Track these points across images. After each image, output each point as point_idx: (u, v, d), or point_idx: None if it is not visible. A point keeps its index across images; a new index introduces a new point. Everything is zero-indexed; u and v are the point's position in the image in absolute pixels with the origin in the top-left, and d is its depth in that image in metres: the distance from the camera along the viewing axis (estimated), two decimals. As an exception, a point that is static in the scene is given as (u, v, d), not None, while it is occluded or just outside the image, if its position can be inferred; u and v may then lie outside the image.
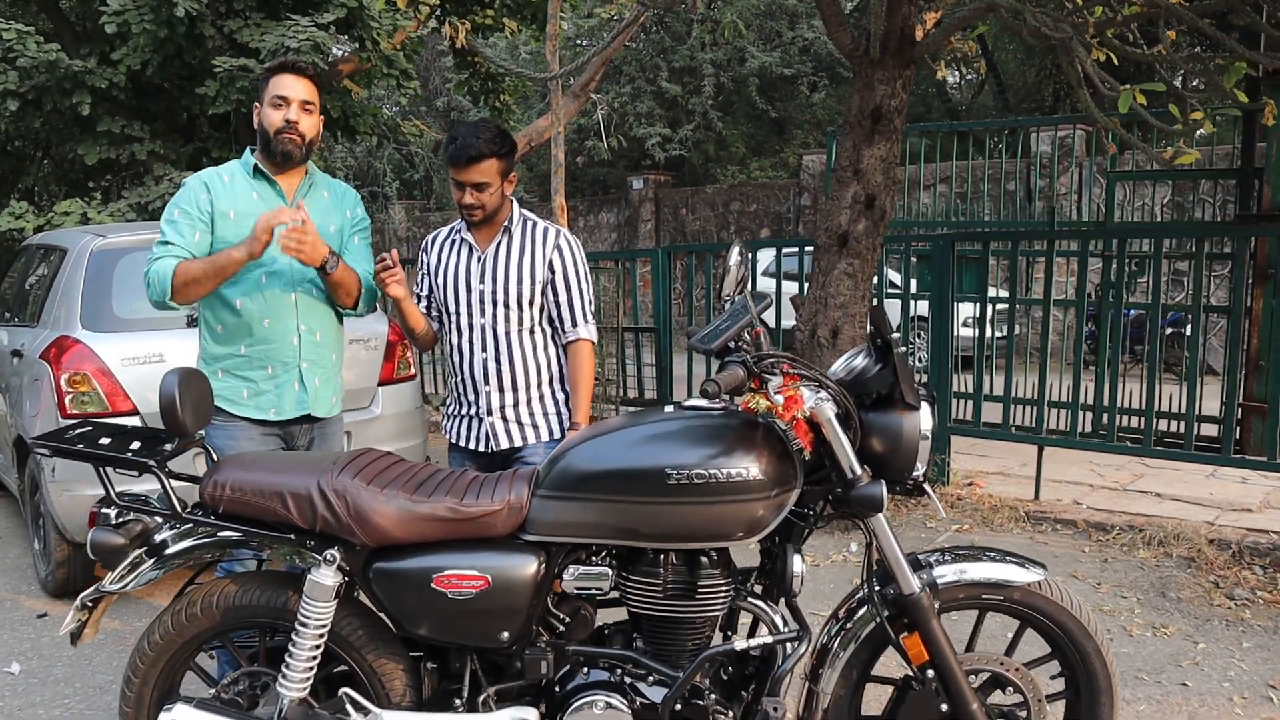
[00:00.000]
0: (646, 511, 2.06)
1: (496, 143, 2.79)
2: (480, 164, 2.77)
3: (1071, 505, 5.20)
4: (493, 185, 2.81)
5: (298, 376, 2.82)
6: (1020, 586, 2.24)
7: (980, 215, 12.86)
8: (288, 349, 2.80)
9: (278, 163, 2.79)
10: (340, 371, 3.02)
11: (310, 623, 2.12)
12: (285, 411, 2.81)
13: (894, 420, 2.13)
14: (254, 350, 2.78)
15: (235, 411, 2.77)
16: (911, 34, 4.71)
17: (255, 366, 2.79)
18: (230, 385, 2.78)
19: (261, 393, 2.79)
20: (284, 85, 2.75)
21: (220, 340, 2.80)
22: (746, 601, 2.22)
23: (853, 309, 4.90)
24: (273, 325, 2.78)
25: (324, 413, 2.89)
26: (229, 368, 2.79)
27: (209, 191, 2.76)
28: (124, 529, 2.17)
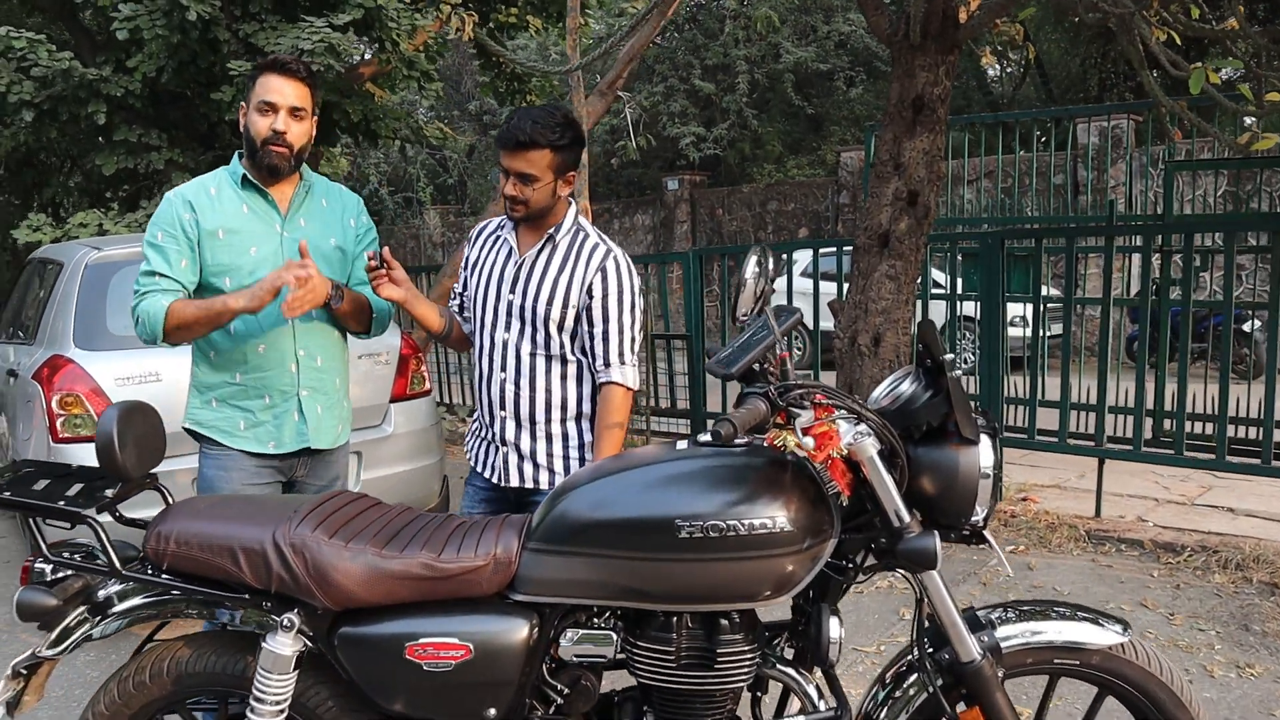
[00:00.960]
0: (654, 569, 1.75)
1: (555, 132, 2.37)
2: (528, 152, 2.37)
3: (1136, 522, 4.80)
4: (541, 180, 2.40)
5: (297, 406, 2.56)
6: (1099, 650, 1.90)
7: (1025, 211, 12.39)
8: (285, 376, 2.54)
9: (265, 175, 2.51)
10: (346, 398, 2.74)
11: (267, 697, 1.83)
12: (285, 444, 2.55)
13: (948, 457, 1.79)
14: (249, 378, 2.53)
15: (230, 444, 2.53)
16: (955, 16, 4.36)
17: (252, 396, 2.54)
18: (225, 416, 2.54)
19: (259, 424, 2.54)
20: (271, 89, 2.46)
21: (214, 367, 2.56)
22: (775, 669, 1.90)
23: (895, 314, 4.55)
24: (268, 351, 2.52)
25: (326, 444, 2.62)
26: (224, 397, 2.55)
27: (193, 210, 2.47)
28: (60, 586, 1.90)
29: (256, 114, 2.46)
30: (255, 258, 2.49)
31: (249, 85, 2.52)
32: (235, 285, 2.46)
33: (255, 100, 2.47)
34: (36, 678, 2.00)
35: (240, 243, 2.46)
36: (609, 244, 2.57)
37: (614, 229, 18.24)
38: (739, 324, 1.75)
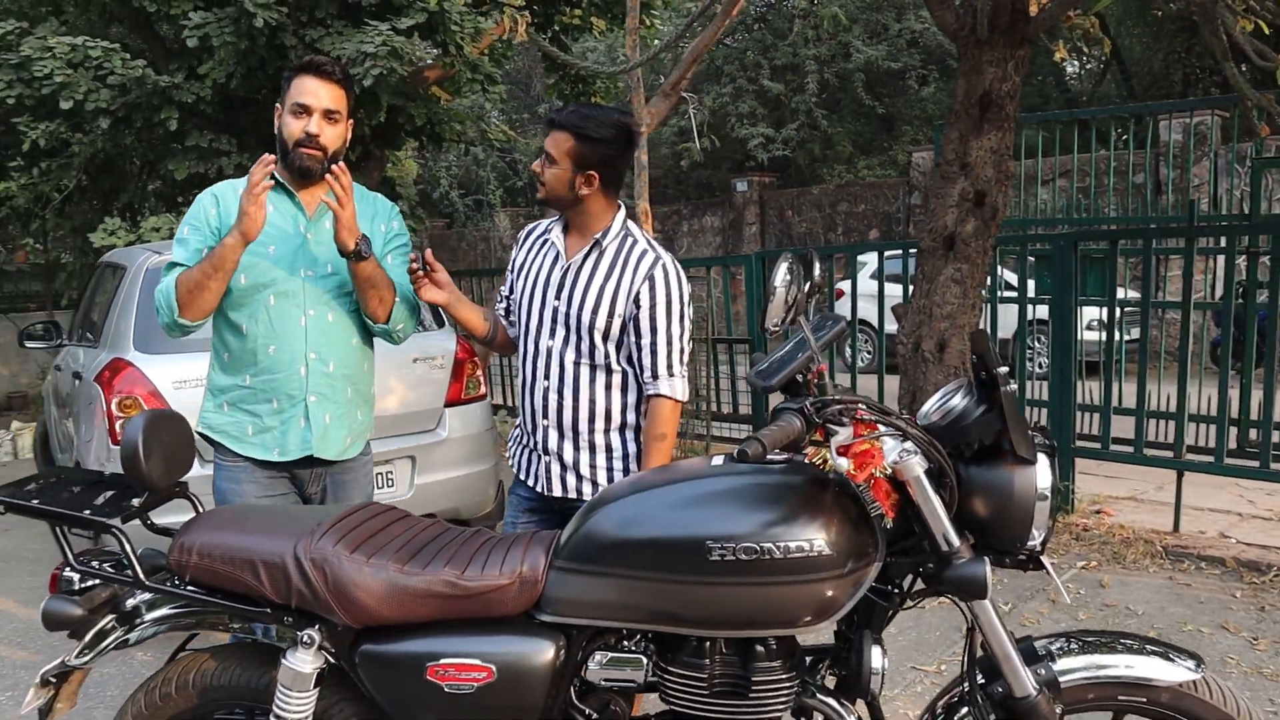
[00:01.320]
0: (684, 592, 1.65)
1: (586, 123, 2.35)
2: (554, 134, 2.39)
3: (1218, 539, 4.55)
4: (559, 165, 2.38)
5: (303, 412, 2.47)
6: (1169, 687, 1.75)
7: (1104, 211, 11.96)
8: (294, 380, 2.46)
9: (296, 177, 2.47)
10: (361, 409, 2.64)
11: (287, 715, 1.78)
12: (289, 451, 2.47)
13: (1002, 477, 1.67)
14: (259, 381, 2.47)
15: (239, 450, 2.47)
16: (1024, 9, 4.17)
17: (261, 399, 2.47)
18: (235, 420, 2.48)
19: (266, 429, 2.47)
20: (306, 91, 2.42)
21: (226, 369, 2.52)
22: (815, 699, 1.79)
23: (961, 319, 4.38)
24: (279, 352, 2.46)
25: (332, 455, 2.52)
26: (234, 400, 2.49)
27: (219, 206, 2.46)
28: (88, 595, 1.88)
29: (290, 116, 2.43)
30: (273, 256, 2.45)
31: (284, 87, 2.48)
32: (251, 283, 2.43)
33: (290, 102, 2.43)
34: (68, 686, 1.99)
35: (259, 241, 2.40)
36: (658, 250, 2.48)
37: (682, 230, 18.15)
38: (768, 334, 1.65)
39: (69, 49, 6.91)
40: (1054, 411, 4.96)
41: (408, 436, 4.56)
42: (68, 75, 6.94)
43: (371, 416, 2.71)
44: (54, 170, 8.03)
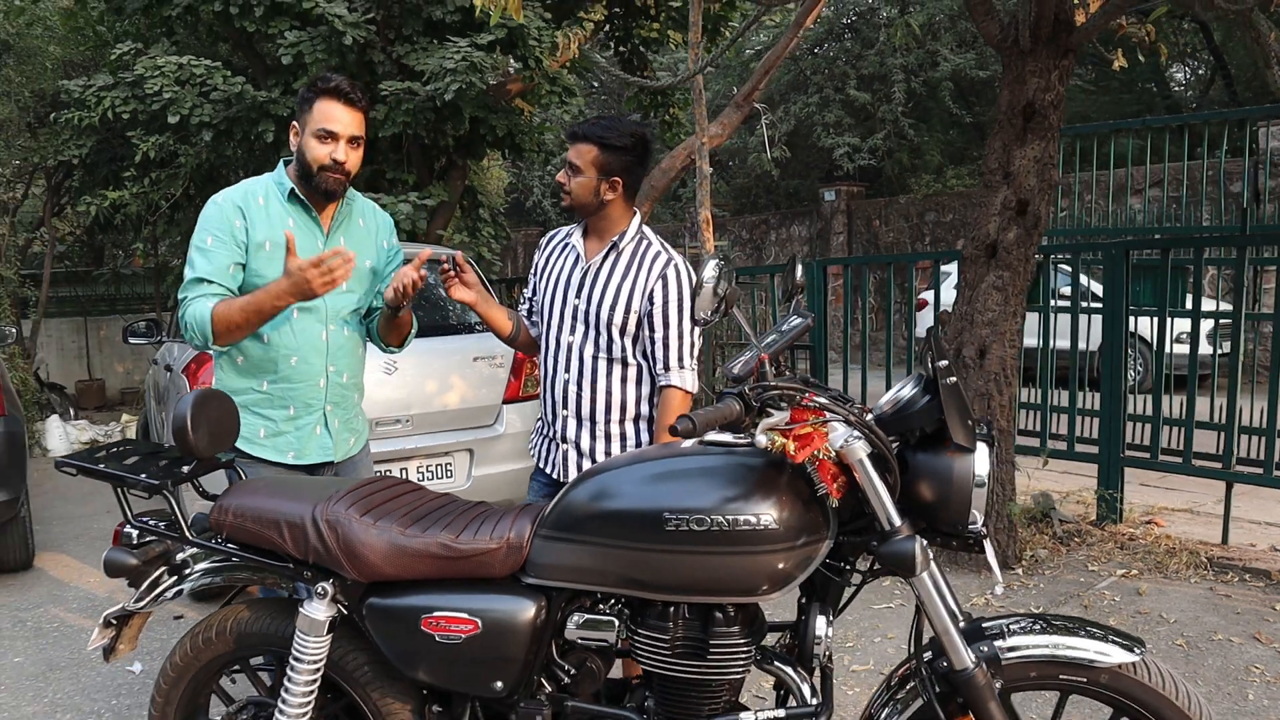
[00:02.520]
0: (645, 559, 1.84)
1: (608, 133, 2.55)
2: (578, 144, 2.58)
3: (1266, 552, 4.49)
4: (584, 174, 2.58)
5: (321, 420, 2.63)
6: (1107, 668, 1.85)
7: (1198, 221, 11.60)
8: (313, 390, 2.60)
9: (318, 197, 2.58)
10: (361, 411, 2.82)
11: (304, 657, 2.03)
12: (307, 456, 2.62)
13: (943, 463, 1.80)
14: (276, 388, 2.58)
15: (250, 451, 2.57)
16: (1068, 19, 4.21)
17: (276, 405, 2.58)
18: (247, 423, 2.54)
19: (280, 433, 2.59)
20: (333, 118, 2.49)
21: (241, 373, 2.58)
22: (773, 665, 1.95)
23: (1002, 326, 4.43)
24: (300, 364, 2.58)
25: (341, 456, 2.70)
26: (246, 404, 2.56)
27: (244, 218, 2.51)
28: (143, 549, 2.16)
29: (315, 140, 2.49)
30: None
31: (305, 106, 2.52)
32: None
33: (314, 126, 2.49)
34: (129, 629, 2.28)
35: (283, 256, 2.46)
36: (670, 252, 2.67)
37: (770, 240, 18.21)
38: (699, 324, 1.82)
39: (176, 67, 7.45)
40: (1104, 421, 4.95)
41: (467, 431, 4.85)
42: (175, 91, 7.48)
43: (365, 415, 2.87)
44: (163, 180, 8.63)
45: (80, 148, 9.37)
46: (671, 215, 20.49)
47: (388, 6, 7.80)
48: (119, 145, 9.19)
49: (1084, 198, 11.13)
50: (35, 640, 4.22)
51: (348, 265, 2.35)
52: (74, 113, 8.46)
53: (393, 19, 7.89)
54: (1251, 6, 3.48)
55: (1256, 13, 3.51)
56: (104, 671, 3.84)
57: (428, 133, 7.96)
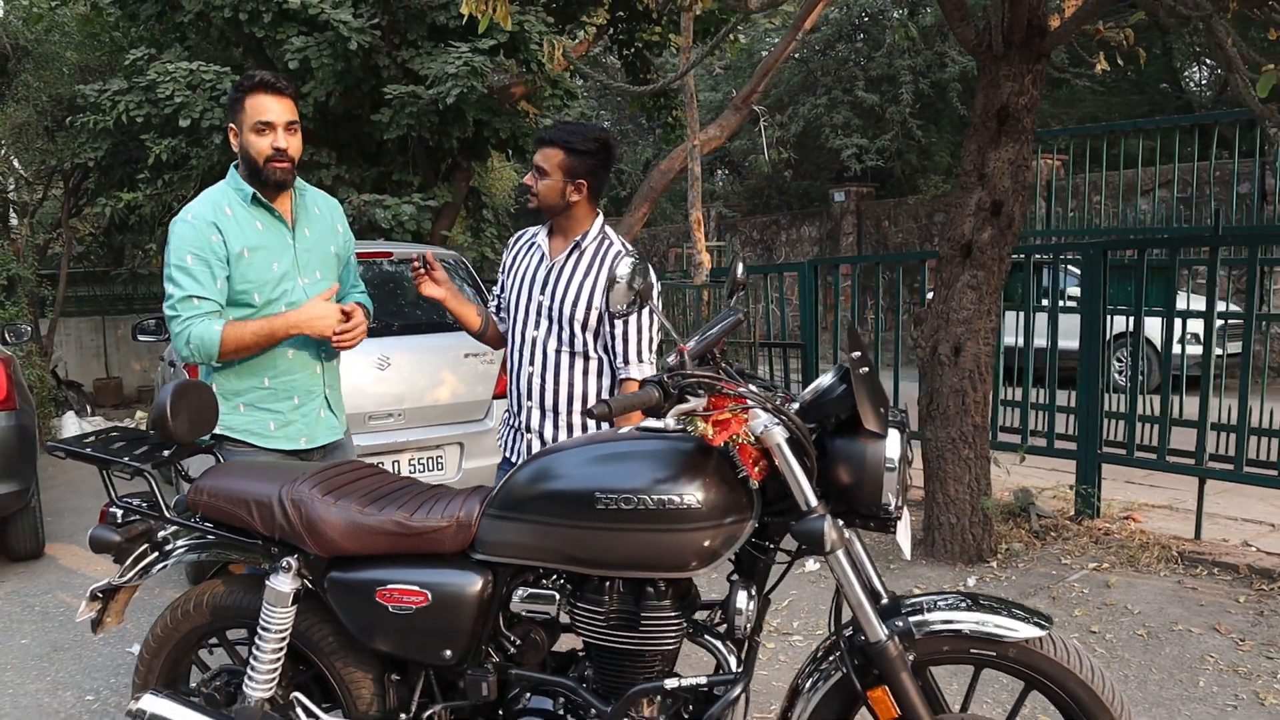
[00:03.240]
0: (579, 536, 1.97)
1: (574, 138, 2.69)
2: (544, 149, 2.73)
3: (1239, 547, 4.57)
4: (550, 177, 2.73)
5: (324, 403, 2.79)
6: (1015, 643, 1.97)
7: (1205, 221, 11.60)
8: (313, 377, 2.76)
9: (270, 190, 2.67)
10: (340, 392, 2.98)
11: (271, 627, 2.18)
12: (318, 438, 2.78)
13: (857, 448, 1.93)
14: (278, 382, 2.71)
15: (263, 445, 2.69)
16: (1041, 24, 4.32)
17: (281, 398, 2.72)
18: (255, 419, 2.69)
19: (289, 423, 2.73)
20: (265, 108, 2.58)
21: (241, 374, 2.69)
22: (703, 638, 2.08)
23: (977, 324, 4.54)
24: (296, 356, 2.73)
25: (340, 435, 2.88)
26: (252, 401, 2.69)
27: (220, 232, 2.60)
28: (126, 528, 2.32)
29: (253, 134, 2.58)
30: (278, 272, 2.67)
31: (236, 105, 2.60)
32: (264, 299, 2.64)
33: (250, 121, 2.58)
34: (115, 604, 2.44)
35: (263, 259, 2.61)
36: (630, 251, 2.81)
37: (780, 240, 18.31)
38: (615, 318, 1.95)
39: (187, 73, 7.66)
40: (1082, 419, 5.05)
41: (457, 425, 5.00)
42: (186, 96, 7.70)
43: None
44: (176, 182, 8.84)
45: (96, 150, 9.61)
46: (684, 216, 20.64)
47: (392, 12, 7.98)
48: (133, 148, 9.42)
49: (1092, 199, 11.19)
50: (42, 624, 4.41)
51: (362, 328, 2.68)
52: (90, 116, 8.70)
53: (397, 24, 8.07)
54: (1210, 13, 3.58)
55: (1217, 18, 3.60)
56: (104, 653, 4.01)
57: (432, 135, 8.13)
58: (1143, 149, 10.12)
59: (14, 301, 9.85)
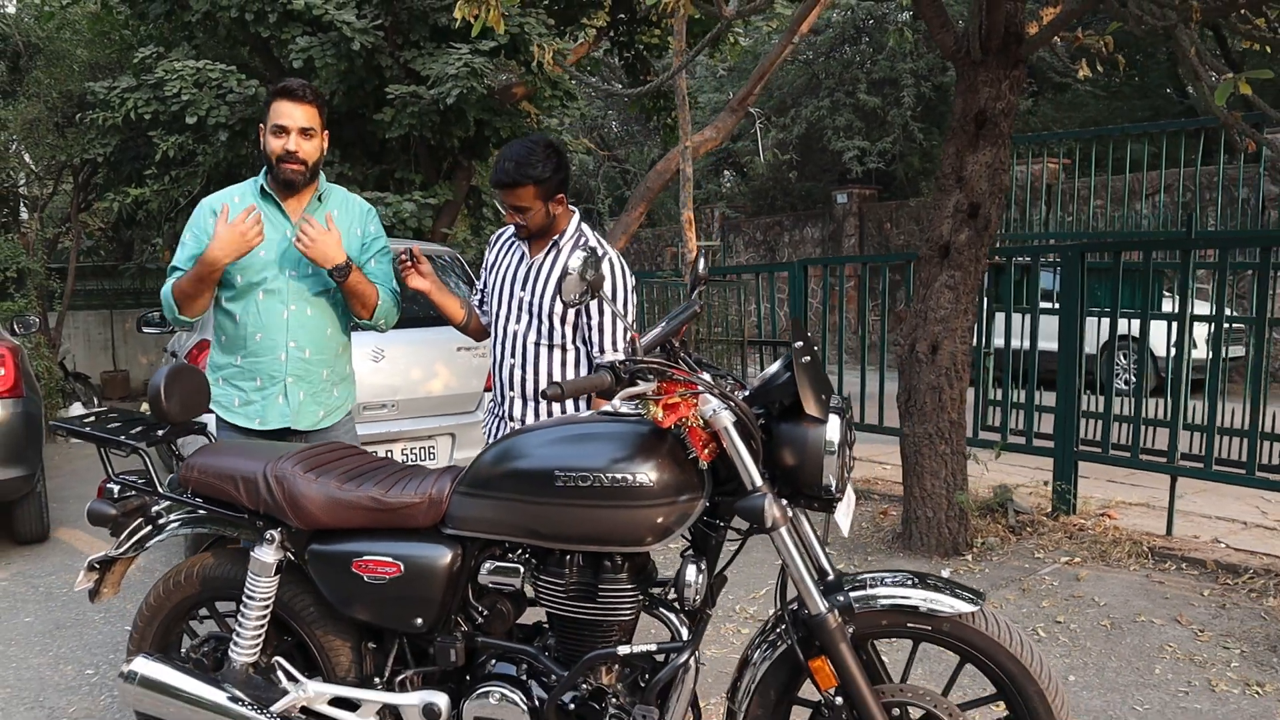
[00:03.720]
0: (540, 512, 2.11)
1: (535, 168, 2.74)
2: (516, 189, 2.77)
3: (1209, 543, 4.69)
4: (532, 209, 2.81)
5: (282, 390, 2.91)
6: (948, 617, 2.10)
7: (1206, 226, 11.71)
8: (275, 364, 2.90)
9: (281, 188, 2.88)
10: (337, 388, 3.07)
11: (255, 595, 2.32)
12: (269, 422, 2.91)
13: (798, 431, 2.06)
14: (246, 362, 2.90)
15: (226, 418, 2.93)
16: (1018, 32, 4.45)
17: (247, 377, 2.91)
18: (225, 393, 2.93)
19: (250, 402, 2.91)
20: (283, 113, 2.79)
21: (223, 350, 2.96)
22: (658, 610, 2.22)
23: (954, 323, 4.66)
24: (263, 340, 2.89)
25: (306, 426, 2.95)
26: (226, 376, 2.94)
27: (215, 215, 2.82)
28: (122, 502, 2.47)
29: (271, 136, 2.81)
30: (264, 259, 2.86)
31: (265, 109, 2.85)
32: (246, 281, 2.85)
33: (270, 123, 2.81)
34: (111, 575, 2.59)
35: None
36: (606, 247, 2.95)
37: (784, 241, 18.43)
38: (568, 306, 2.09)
39: (194, 71, 7.83)
40: (1059, 418, 5.17)
41: (449, 416, 5.15)
42: (193, 94, 7.86)
43: (350, 393, 3.14)
44: (182, 178, 9.01)
45: (105, 146, 9.79)
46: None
47: (395, 13, 8.12)
48: (141, 144, 9.60)
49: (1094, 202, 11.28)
50: (45, 603, 4.57)
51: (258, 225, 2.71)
52: (99, 113, 8.87)
53: (400, 25, 8.22)
54: (1175, 23, 3.70)
55: (1181, 28, 3.72)
56: (104, 631, 4.17)
57: (434, 134, 8.27)
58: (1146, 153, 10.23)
59: (23, 294, 10.03)
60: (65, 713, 3.38)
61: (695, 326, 7.33)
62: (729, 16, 3.80)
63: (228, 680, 2.35)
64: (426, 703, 2.23)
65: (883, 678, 2.22)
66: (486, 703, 2.19)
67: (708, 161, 20.39)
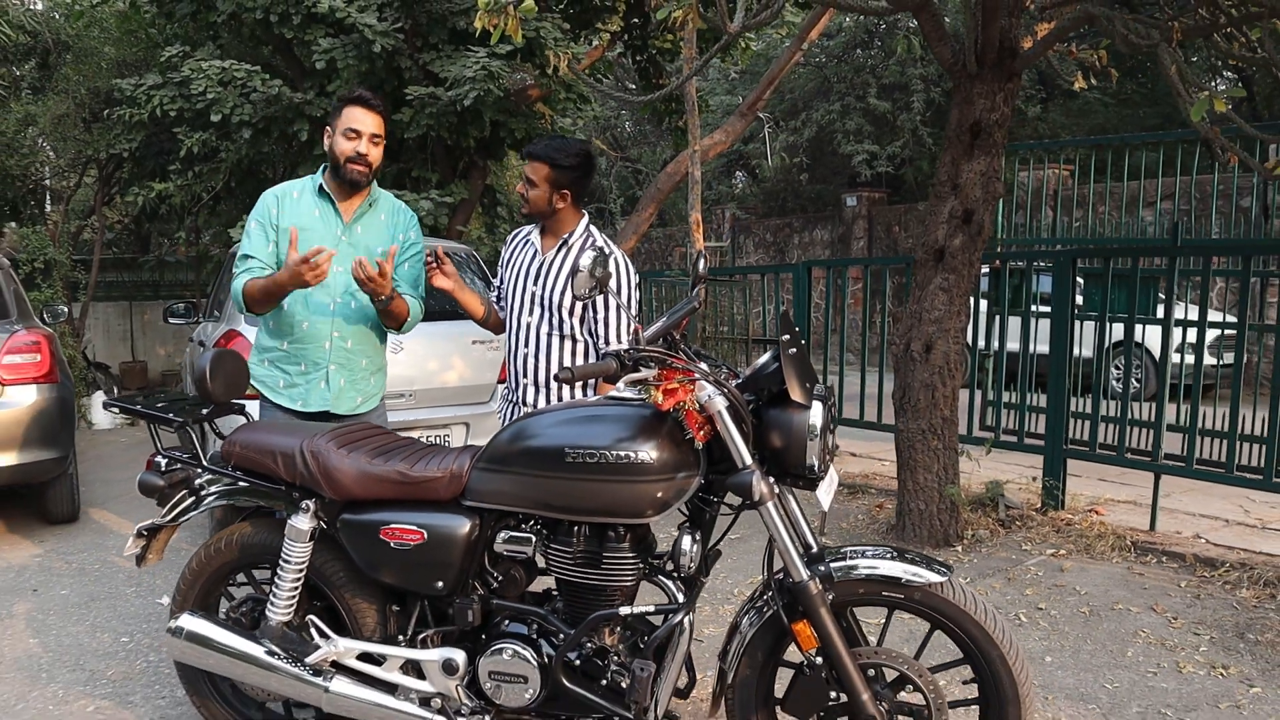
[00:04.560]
0: (551, 485, 2.34)
1: (557, 154, 3.09)
2: (533, 163, 3.11)
3: (1190, 538, 4.88)
4: (539, 187, 3.10)
5: (324, 376, 3.15)
6: (919, 586, 2.31)
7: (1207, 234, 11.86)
8: (319, 351, 3.14)
9: (345, 187, 3.13)
10: (374, 376, 3.31)
11: (290, 560, 2.56)
12: (310, 405, 3.15)
13: (785, 416, 2.28)
14: (293, 348, 3.15)
15: (271, 398, 3.17)
16: (1013, 46, 4.65)
17: (292, 361, 3.15)
18: (271, 374, 3.17)
19: (294, 385, 3.16)
20: (356, 119, 3.06)
21: (271, 334, 3.19)
22: (657, 577, 2.44)
23: (947, 324, 4.87)
24: (310, 328, 3.13)
25: (345, 410, 3.18)
26: (273, 359, 3.18)
27: (278, 207, 3.11)
28: (168, 475, 2.71)
29: (342, 138, 3.05)
30: None
31: (335, 113, 3.10)
32: None
33: (342, 126, 3.06)
34: (156, 542, 2.83)
35: (305, 240, 2.98)
36: (611, 246, 3.19)
37: (794, 243, 18.64)
38: (579, 300, 2.32)
39: (219, 70, 8.07)
40: (1049, 417, 5.37)
41: (464, 406, 5.39)
42: (218, 92, 8.11)
43: (384, 382, 3.39)
44: (205, 174, 9.26)
45: (130, 142, 10.05)
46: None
47: (415, 16, 8.36)
48: (166, 140, 9.86)
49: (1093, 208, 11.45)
50: (79, 577, 4.82)
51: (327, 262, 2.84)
52: (126, 109, 9.14)
53: (419, 28, 8.45)
54: (1157, 42, 3.90)
55: (1163, 46, 3.92)
56: (136, 603, 4.41)
57: (450, 135, 8.51)
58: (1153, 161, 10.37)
59: (49, 284, 10.31)
60: (105, 675, 3.62)
61: (702, 325, 7.56)
62: (733, 32, 4.01)
63: (264, 636, 2.58)
64: (446, 658, 2.46)
65: (860, 642, 2.44)
66: (500, 658, 2.42)
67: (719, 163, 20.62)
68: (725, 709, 2.49)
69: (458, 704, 2.48)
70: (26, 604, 4.42)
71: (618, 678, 2.37)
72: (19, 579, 4.80)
